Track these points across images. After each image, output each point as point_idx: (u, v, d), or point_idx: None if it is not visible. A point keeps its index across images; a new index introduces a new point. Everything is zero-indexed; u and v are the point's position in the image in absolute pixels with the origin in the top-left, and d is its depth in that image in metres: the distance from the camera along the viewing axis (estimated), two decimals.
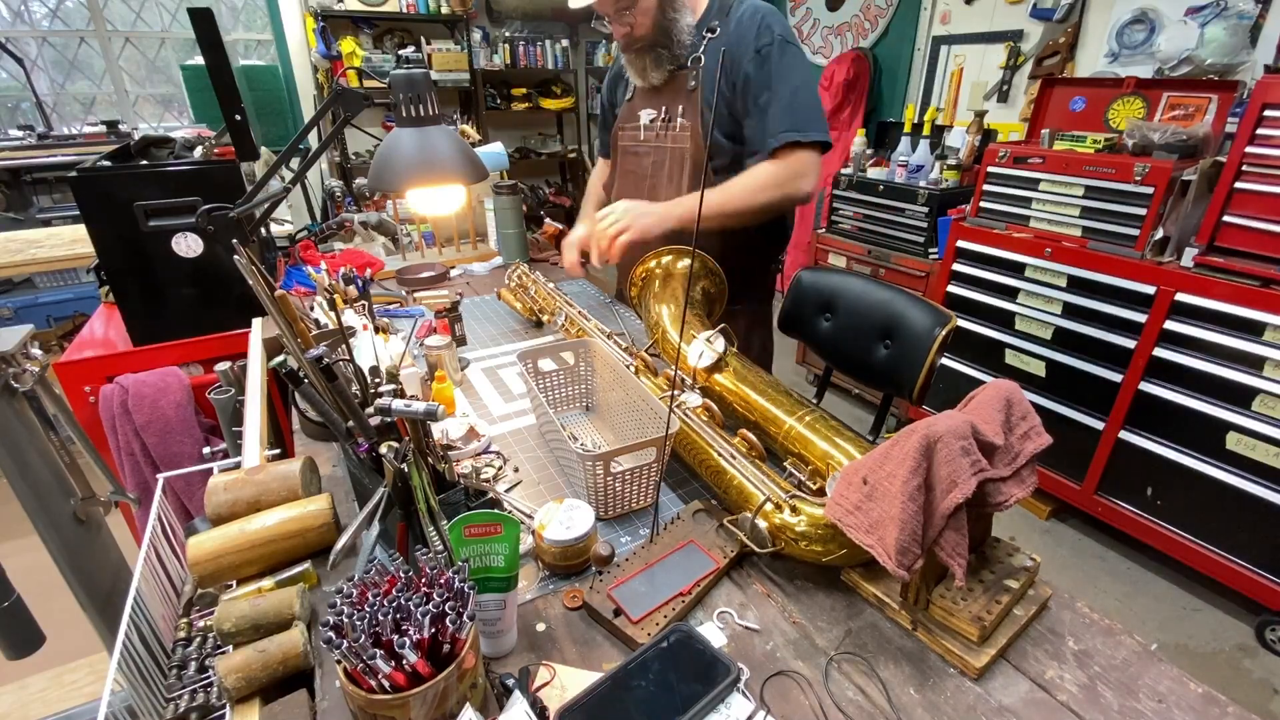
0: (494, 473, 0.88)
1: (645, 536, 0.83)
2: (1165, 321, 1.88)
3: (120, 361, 1.46)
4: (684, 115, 1.40)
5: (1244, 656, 1.84)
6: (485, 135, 4.43)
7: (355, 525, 0.67)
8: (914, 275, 2.64)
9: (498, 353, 1.39)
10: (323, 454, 1.03)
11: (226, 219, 1.20)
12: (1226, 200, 1.76)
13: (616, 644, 0.69)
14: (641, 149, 1.51)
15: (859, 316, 1.41)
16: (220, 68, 1.24)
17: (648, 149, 1.50)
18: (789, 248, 3.82)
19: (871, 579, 0.75)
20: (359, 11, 3.97)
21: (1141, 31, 2.36)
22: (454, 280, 1.87)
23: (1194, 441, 1.88)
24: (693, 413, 0.93)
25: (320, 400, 0.73)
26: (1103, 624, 0.71)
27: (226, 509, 0.80)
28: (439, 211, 1.29)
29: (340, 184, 2.73)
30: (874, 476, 0.65)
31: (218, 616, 0.66)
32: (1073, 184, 2.07)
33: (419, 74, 1.03)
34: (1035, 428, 0.70)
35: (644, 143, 1.50)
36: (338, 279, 1.36)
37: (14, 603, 1.26)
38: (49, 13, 3.68)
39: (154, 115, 4.08)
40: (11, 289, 2.74)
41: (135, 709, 0.78)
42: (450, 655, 0.54)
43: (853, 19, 3.45)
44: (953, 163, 2.62)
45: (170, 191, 1.40)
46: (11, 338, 1.20)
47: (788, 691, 0.64)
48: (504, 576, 0.64)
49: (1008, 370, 2.33)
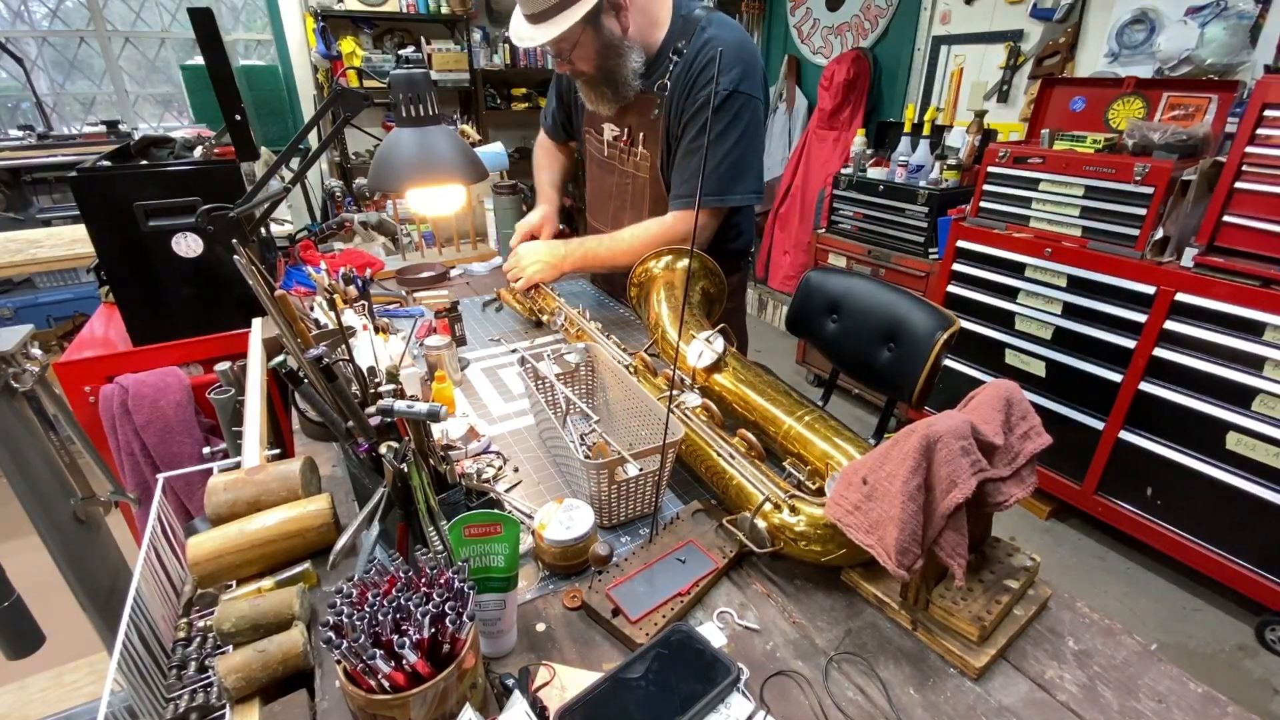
0: (494, 473, 0.88)
1: (645, 537, 0.83)
2: (1165, 321, 1.88)
3: (120, 361, 1.45)
4: (644, 144, 1.38)
5: (1244, 656, 1.84)
6: (485, 135, 4.43)
7: (355, 525, 0.67)
8: (914, 275, 2.64)
9: (497, 353, 1.39)
10: (323, 454, 1.03)
11: (226, 219, 1.20)
12: (1226, 200, 1.76)
13: (616, 644, 0.69)
14: (606, 164, 1.51)
15: (864, 318, 1.41)
16: (220, 68, 1.24)
17: (612, 166, 1.50)
18: (789, 246, 3.83)
19: (871, 579, 0.75)
20: (359, 11, 3.97)
21: (1141, 31, 2.35)
22: (454, 280, 1.87)
23: (1194, 441, 1.88)
24: (692, 413, 0.93)
25: (320, 400, 0.73)
26: (1102, 624, 0.71)
27: (226, 509, 0.80)
28: (439, 211, 1.29)
29: (340, 184, 2.73)
30: (874, 476, 0.65)
31: (217, 616, 0.66)
32: (1073, 184, 2.07)
33: (419, 74, 1.03)
34: (1035, 427, 0.70)
35: (608, 159, 1.50)
36: (337, 279, 1.36)
37: (14, 603, 1.26)
38: (49, 13, 3.68)
39: (154, 115, 4.09)
40: (11, 289, 2.74)
41: (135, 709, 0.78)
42: (450, 655, 0.54)
43: (853, 19, 3.45)
44: (953, 163, 2.62)
45: (170, 191, 1.40)
46: (11, 338, 1.21)
47: (787, 691, 0.64)
48: (504, 576, 0.64)
49: (1008, 370, 2.33)
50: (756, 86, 1.25)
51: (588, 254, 1.42)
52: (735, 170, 1.28)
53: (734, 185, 1.30)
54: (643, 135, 1.38)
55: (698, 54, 1.25)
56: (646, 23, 1.27)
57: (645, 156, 1.39)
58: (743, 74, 1.23)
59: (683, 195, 1.32)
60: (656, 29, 1.29)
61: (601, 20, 1.19)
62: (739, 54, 1.24)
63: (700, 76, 1.24)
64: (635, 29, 1.24)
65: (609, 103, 1.34)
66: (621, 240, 1.38)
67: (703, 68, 1.23)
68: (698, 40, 1.26)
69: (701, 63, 1.24)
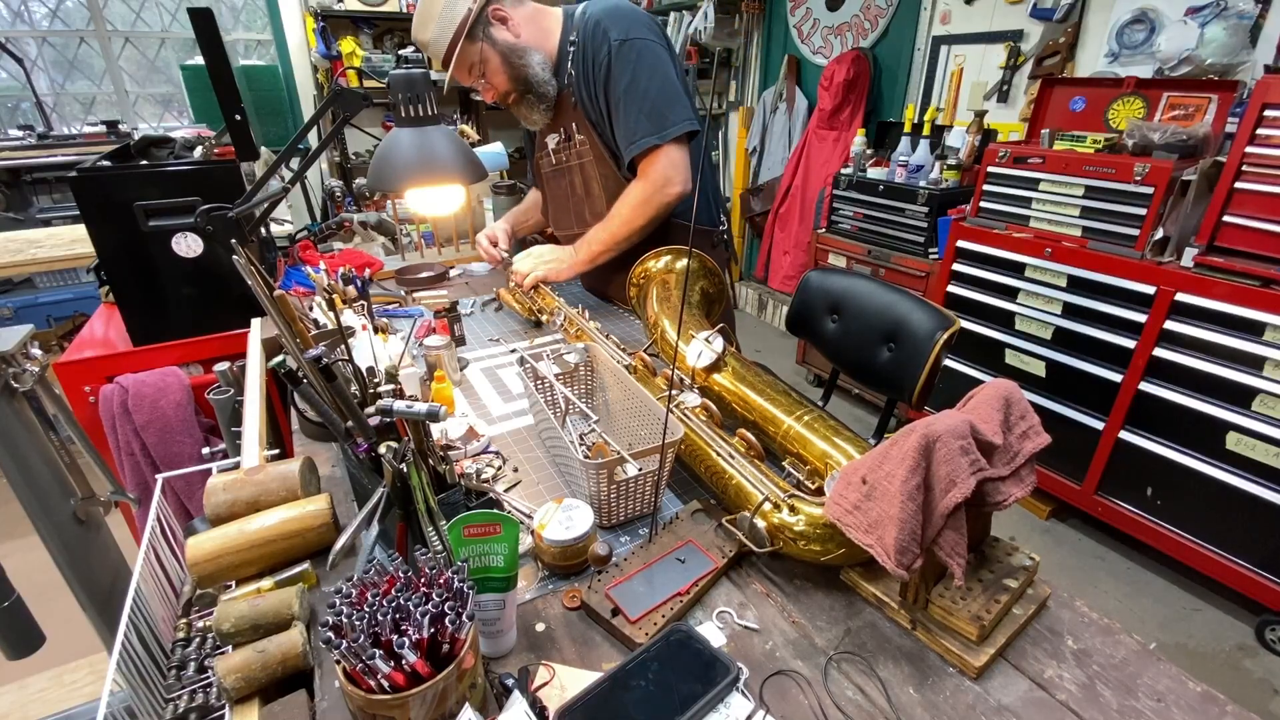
0: (493, 473, 0.88)
1: (644, 536, 0.83)
2: (1165, 321, 1.88)
3: (120, 361, 1.46)
4: (578, 132, 1.45)
5: (1244, 656, 1.84)
6: (485, 135, 4.43)
7: (354, 525, 0.67)
8: (914, 275, 2.64)
9: (497, 353, 1.39)
10: (322, 454, 1.03)
11: (226, 219, 1.20)
12: (1226, 200, 1.75)
13: (615, 644, 0.69)
14: (558, 171, 1.56)
15: (864, 318, 1.41)
16: (220, 68, 1.24)
17: (562, 170, 1.55)
18: (789, 246, 3.83)
19: (871, 578, 0.75)
20: (359, 11, 3.97)
21: (1141, 31, 2.35)
22: (453, 280, 1.87)
23: (1194, 441, 1.88)
24: (691, 412, 0.93)
25: (319, 400, 0.73)
26: (1102, 623, 0.71)
27: (226, 509, 0.80)
28: (438, 211, 1.29)
29: (340, 184, 2.73)
30: (873, 476, 0.65)
31: (217, 617, 0.66)
32: (1073, 184, 2.07)
33: (418, 74, 1.03)
34: (1034, 427, 0.70)
35: (558, 166, 1.55)
36: (337, 279, 1.36)
37: (14, 603, 1.26)
38: (49, 13, 3.68)
39: (154, 115, 4.09)
40: (11, 289, 2.75)
41: (135, 709, 0.78)
42: (449, 655, 0.54)
43: (853, 19, 3.44)
44: (953, 163, 2.62)
45: (170, 191, 1.40)
46: (11, 338, 1.21)
47: (787, 691, 0.64)
48: (503, 576, 0.64)
49: (1008, 370, 2.33)
50: (642, 29, 1.32)
51: (591, 244, 1.44)
52: (661, 104, 1.32)
53: (668, 116, 1.32)
54: (575, 126, 1.45)
55: (584, 34, 1.34)
56: (538, 31, 1.37)
57: (583, 142, 1.46)
58: (627, 25, 1.31)
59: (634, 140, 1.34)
60: (549, 36, 1.38)
61: (492, 33, 1.30)
62: (615, 12, 1.32)
63: (592, 45, 1.32)
64: (528, 36, 1.35)
65: (541, 111, 1.42)
66: (614, 218, 1.41)
67: (591, 37, 1.32)
68: (582, 23, 1.35)
69: (588, 35, 1.33)
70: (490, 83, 1.36)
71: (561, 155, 1.52)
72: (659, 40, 1.34)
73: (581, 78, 1.36)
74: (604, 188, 1.48)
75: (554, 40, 1.38)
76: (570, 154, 1.50)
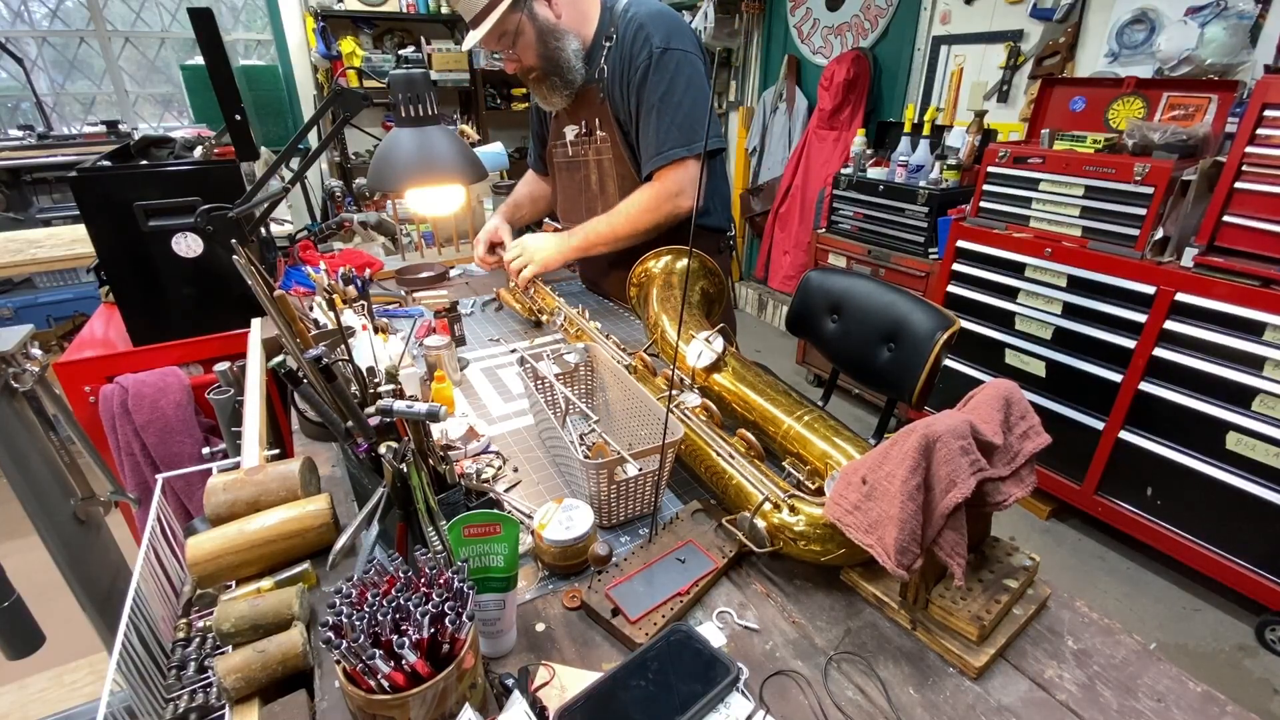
0: (493, 473, 0.88)
1: (644, 537, 0.83)
2: (1165, 321, 1.88)
3: (120, 361, 1.46)
4: (600, 128, 1.44)
5: (1244, 656, 1.84)
6: (485, 135, 4.43)
7: (354, 525, 0.67)
8: (914, 275, 2.64)
9: (497, 353, 1.39)
10: (322, 454, 1.03)
11: (226, 219, 1.20)
12: (1226, 200, 1.75)
13: (615, 644, 0.69)
14: (573, 163, 1.55)
15: (864, 318, 1.41)
16: (220, 68, 1.24)
17: (579, 163, 1.54)
18: (790, 246, 3.83)
19: (871, 578, 0.75)
20: (359, 11, 3.98)
21: (1141, 31, 2.35)
22: (453, 280, 1.87)
23: (1194, 441, 1.88)
24: (691, 412, 0.93)
25: (319, 400, 0.73)
26: (1102, 623, 0.71)
27: (226, 509, 0.80)
28: (438, 212, 1.29)
29: (340, 184, 2.73)
30: (873, 476, 0.65)
31: (217, 617, 0.66)
32: (1073, 184, 2.07)
33: (418, 74, 1.03)
34: (1034, 427, 0.70)
35: (573, 158, 1.55)
36: (337, 279, 1.36)
37: (14, 603, 1.26)
38: (49, 13, 3.68)
39: (154, 115, 4.09)
40: (11, 289, 2.74)
41: (135, 709, 0.78)
42: (449, 655, 0.54)
43: (853, 19, 3.44)
44: (953, 163, 2.62)
45: (170, 191, 1.40)
46: (11, 338, 1.21)
47: (787, 691, 0.64)
48: (503, 576, 0.64)
49: (1008, 370, 2.33)
50: (686, 42, 1.32)
51: (589, 234, 1.43)
52: (693, 118, 1.32)
53: (697, 131, 1.32)
54: (598, 121, 1.44)
55: (624, 33, 1.32)
56: (577, 15, 1.35)
57: (604, 139, 1.45)
58: (669, 33, 1.30)
59: (662, 149, 1.34)
60: (587, 23, 1.36)
61: (534, 7, 1.28)
62: (660, 18, 1.31)
63: (631, 47, 1.31)
64: (567, 19, 1.32)
65: (561, 95, 1.39)
66: (619, 213, 1.40)
67: (631, 39, 1.31)
68: (622, 22, 1.33)
69: (629, 37, 1.31)
70: (519, 55, 1.33)
71: (579, 148, 1.51)
72: (698, 54, 1.34)
73: (615, 76, 1.35)
74: (619, 187, 1.47)
75: (590, 28, 1.37)
76: (589, 149, 1.49)
